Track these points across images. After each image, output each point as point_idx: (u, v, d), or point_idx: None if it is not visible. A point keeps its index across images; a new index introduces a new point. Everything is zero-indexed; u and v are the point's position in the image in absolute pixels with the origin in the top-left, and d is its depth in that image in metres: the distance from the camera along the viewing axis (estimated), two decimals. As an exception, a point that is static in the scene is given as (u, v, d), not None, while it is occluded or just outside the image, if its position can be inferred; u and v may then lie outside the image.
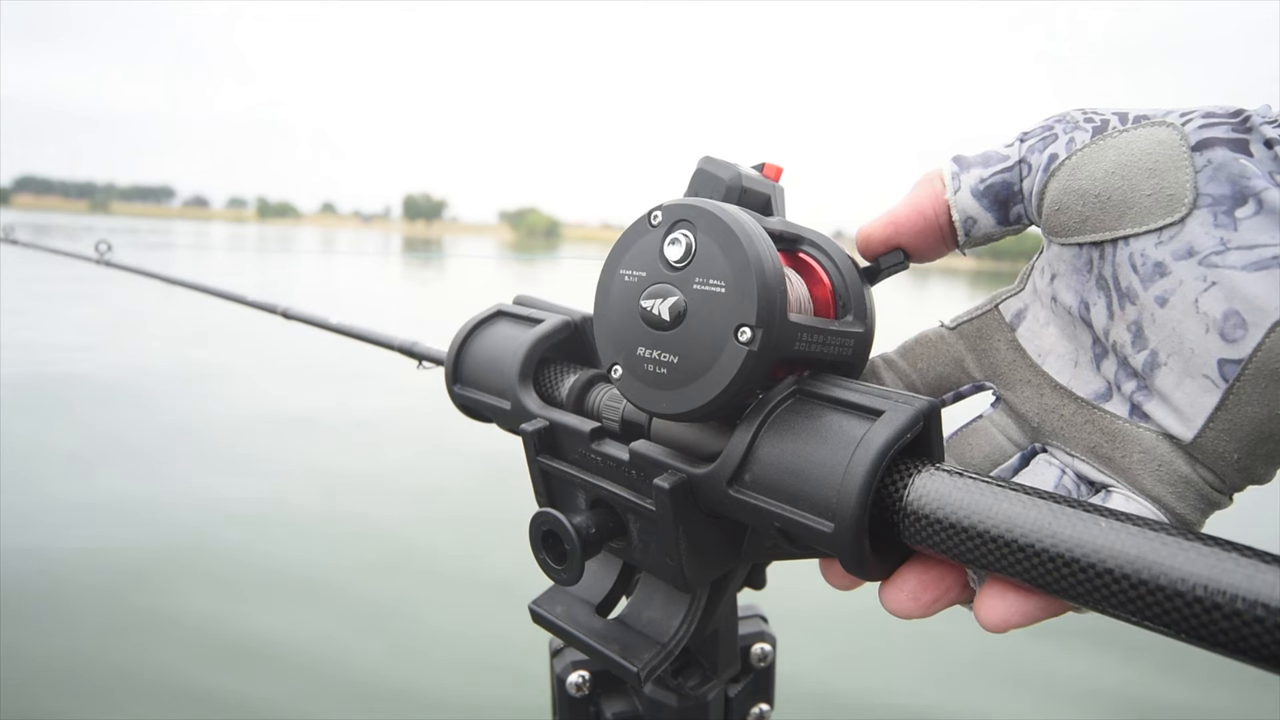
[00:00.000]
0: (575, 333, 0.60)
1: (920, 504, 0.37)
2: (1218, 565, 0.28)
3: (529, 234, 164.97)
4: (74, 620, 2.87)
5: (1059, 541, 0.32)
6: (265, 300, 1.35)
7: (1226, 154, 0.36)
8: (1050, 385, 0.44)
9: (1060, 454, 0.43)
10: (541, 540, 0.49)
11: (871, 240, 0.48)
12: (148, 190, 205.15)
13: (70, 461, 4.58)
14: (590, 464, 0.51)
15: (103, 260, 2.04)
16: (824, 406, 0.41)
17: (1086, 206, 0.40)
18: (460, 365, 0.62)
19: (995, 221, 0.45)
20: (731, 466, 0.42)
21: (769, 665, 0.70)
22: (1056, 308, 0.44)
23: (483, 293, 3.12)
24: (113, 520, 3.74)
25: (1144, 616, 0.30)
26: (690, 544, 0.47)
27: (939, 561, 0.40)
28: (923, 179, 0.47)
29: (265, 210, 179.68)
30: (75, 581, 3.14)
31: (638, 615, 0.53)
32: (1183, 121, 0.38)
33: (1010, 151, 0.44)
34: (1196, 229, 0.37)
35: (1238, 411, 0.37)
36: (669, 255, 0.43)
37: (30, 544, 3.40)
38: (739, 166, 0.50)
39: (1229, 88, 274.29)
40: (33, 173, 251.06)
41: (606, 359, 0.46)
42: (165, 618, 2.94)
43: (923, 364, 0.49)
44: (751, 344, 0.39)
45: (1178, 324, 0.37)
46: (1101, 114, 0.41)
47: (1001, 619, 0.36)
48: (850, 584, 0.44)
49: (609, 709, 0.67)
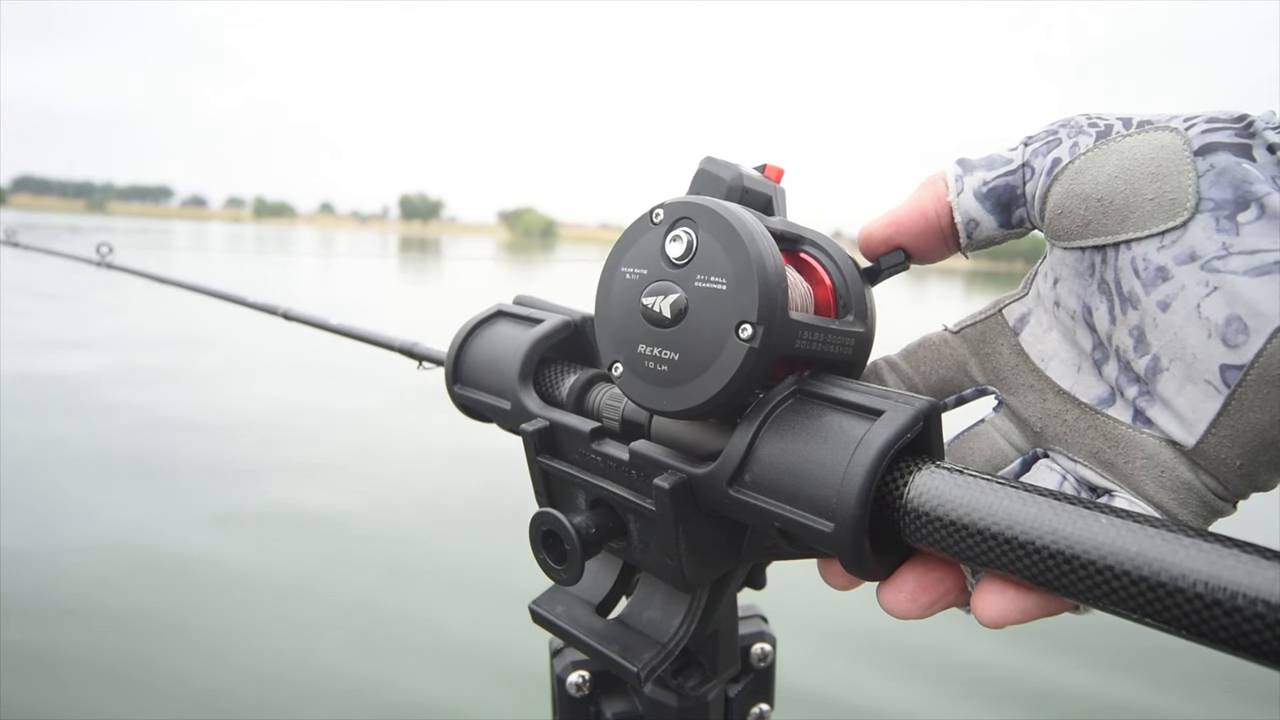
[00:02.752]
0: (575, 333, 0.60)
1: (920, 502, 0.37)
2: (1218, 562, 0.28)
3: (525, 234, 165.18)
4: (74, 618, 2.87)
5: (1059, 538, 0.32)
6: (265, 302, 1.35)
7: (1229, 159, 0.36)
8: (1053, 390, 0.44)
9: (1062, 459, 0.43)
10: (541, 540, 0.49)
11: (872, 240, 0.48)
12: (146, 190, 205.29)
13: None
14: (590, 464, 0.51)
15: (104, 262, 2.04)
16: (824, 406, 0.41)
17: (1089, 210, 0.40)
18: (460, 365, 0.62)
19: (998, 224, 0.45)
20: (731, 466, 0.42)
21: (769, 665, 0.70)
22: (1059, 312, 0.44)
23: (477, 292, 3.06)
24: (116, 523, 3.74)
25: (1144, 613, 0.30)
26: (690, 544, 0.47)
27: (938, 563, 0.40)
28: (926, 180, 0.47)
29: (262, 210, 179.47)
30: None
31: (638, 615, 0.53)
32: (1186, 126, 0.38)
33: (1014, 155, 0.44)
34: (1199, 234, 0.37)
35: (1240, 417, 0.37)
36: (670, 253, 0.43)
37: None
38: (740, 167, 0.50)
39: (1229, 88, 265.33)
40: (31, 173, 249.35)
41: (607, 356, 0.46)
42: (164, 619, 2.94)
43: (925, 367, 0.49)
44: (752, 341, 0.39)
45: (1180, 329, 0.37)
46: (1105, 119, 0.41)
47: (999, 615, 0.36)
48: (850, 584, 0.44)
49: (609, 709, 0.67)
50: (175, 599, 3.08)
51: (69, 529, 3.62)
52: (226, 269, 18.31)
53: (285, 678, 2.62)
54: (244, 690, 2.54)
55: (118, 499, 4.04)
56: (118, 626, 2.87)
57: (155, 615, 2.95)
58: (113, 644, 2.76)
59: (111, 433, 5.24)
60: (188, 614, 2.97)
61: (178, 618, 2.94)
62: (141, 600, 3.05)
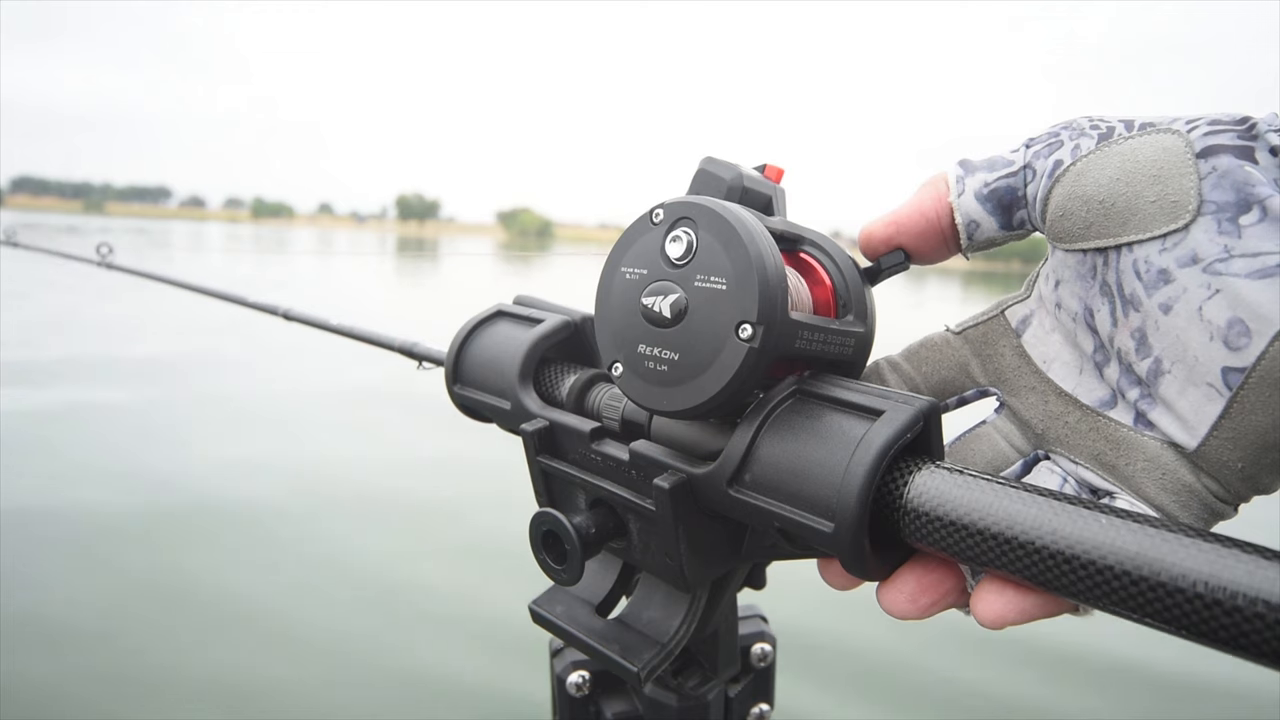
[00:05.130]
0: (575, 333, 0.60)
1: (920, 501, 0.37)
2: (1218, 561, 0.28)
3: (521, 234, 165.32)
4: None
5: (1059, 538, 0.32)
6: (266, 302, 1.35)
7: (1231, 161, 0.36)
8: (1055, 392, 0.44)
9: (1063, 461, 0.43)
10: (541, 540, 0.49)
11: (873, 239, 0.48)
12: (144, 190, 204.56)
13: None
14: (590, 464, 0.51)
15: (104, 263, 2.03)
16: (824, 406, 0.41)
17: (1091, 212, 0.40)
18: (460, 365, 0.62)
19: (998, 226, 0.45)
20: (731, 466, 0.42)
21: (769, 665, 0.70)
22: (1061, 314, 0.43)
23: (473, 292, 3.04)
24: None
25: (1144, 613, 0.30)
26: (690, 544, 0.47)
27: (938, 564, 0.40)
28: (927, 181, 0.47)
29: (260, 210, 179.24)
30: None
31: (638, 615, 0.53)
32: (1188, 128, 0.38)
33: (1016, 157, 0.44)
34: (1200, 236, 0.36)
35: (1241, 420, 0.37)
36: (670, 253, 0.43)
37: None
38: (740, 167, 0.50)
39: (1229, 89, 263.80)
40: (30, 173, 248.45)
41: (607, 356, 0.46)
42: (164, 620, 2.94)
43: (927, 368, 0.49)
44: (752, 341, 0.39)
45: (1181, 331, 0.37)
46: (1108, 121, 0.41)
47: (998, 615, 0.36)
48: (849, 584, 0.44)
49: (609, 709, 0.67)
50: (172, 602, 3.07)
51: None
52: (227, 269, 18.29)
53: (284, 679, 2.62)
54: (240, 692, 2.54)
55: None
56: (126, 614, 2.87)
57: (153, 616, 2.95)
58: (121, 628, 2.76)
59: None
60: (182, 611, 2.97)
61: (174, 622, 2.94)
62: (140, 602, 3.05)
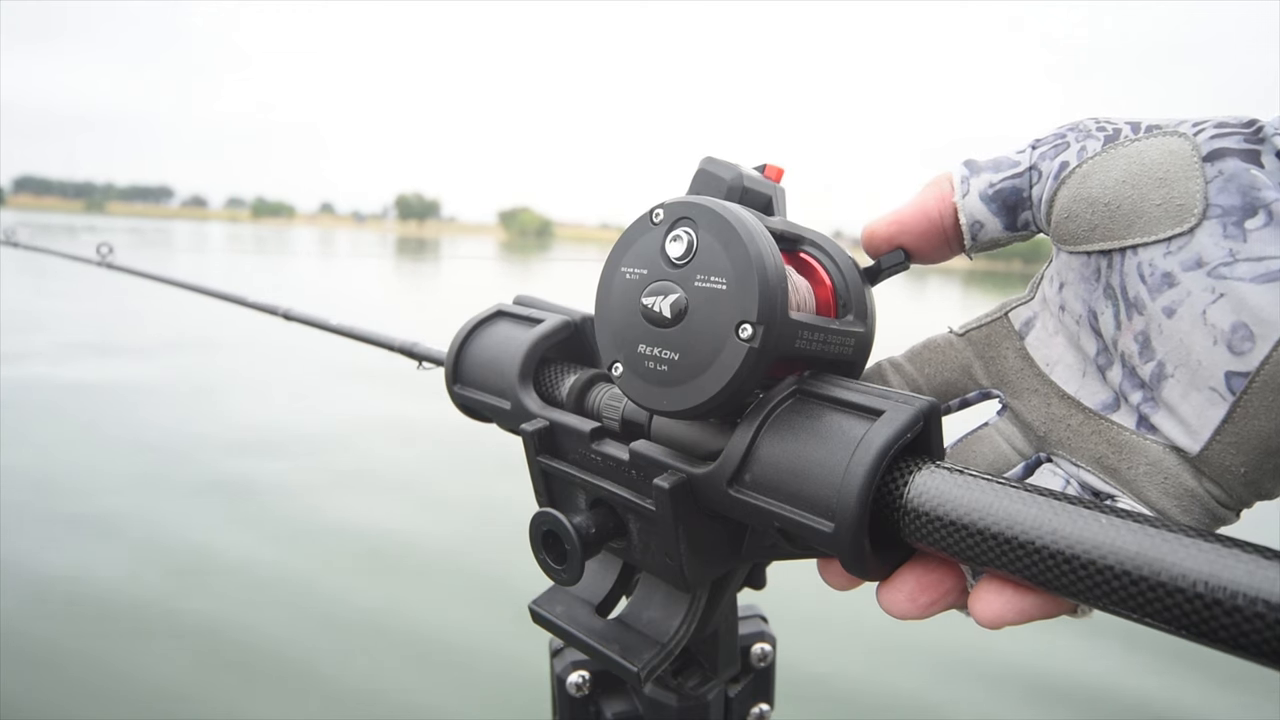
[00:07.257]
0: (575, 333, 0.60)
1: (920, 501, 0.37)
2: (1218, 561, 0.28)
3: (520, 233, 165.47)
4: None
5: (1059, 538, 0.32)
6: (265, 302, 1.35)
7: (1238, 165, 0.36)
8: (1058, 395, 0.44)
9: (1065, 464, 0.43)
10: (541, 540, 0.49)
11: (875, 238, 0.48)
12: (146, 190, 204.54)
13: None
14: (590, 464, 0.51)
15: (104, 262, 2.03)
16: (824, 406, 0.41)
17: (1096, 215, 0.40)
18: (460, 365, 0.62)
19: (1003, 227, 0.45)
20: (731, 466, 0.42)
21: (769, 665, 0.70)
22: (1064, 316, 0.43)
23: (470, 291, 3.03)
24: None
25: (1143, 613, 0.30)
26: (690, 544, 0.47)
27: (938, 564, 0.40)
28: (932, 181, 0.47)
29: (261, 210, 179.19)
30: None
31: (638, 615, 0.53)
32: (1195, 131, 0.38)
33: (1021, 158, 0.44)
34: (1205, 240, 0.36)
35: (1245, 425, 0.36)
36: (670, 252, 0.43)
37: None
38: (740, 167, 0.50)
39: (1229, 89, 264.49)
40: (31, 173, 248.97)
41: (607, 356, 0.46)
42: (163, 619, 2.94)
43: (930, 369, 0.48)
44: (752, 341, 0.39)
45: (1185, 335, 0.37)
46: (1114, 123, 0.41)
47: (997, 615, 0.36)
48: (849, 584, 0.44)
49: (609, 709, 0.67)
50: (173, 602, 3.08)
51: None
52: (225, 269, 18.27)
53: (280, 678, 2.62)
54: (238, 693, 2.54)
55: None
56: (113, 630, 2.87)
57: (152, 615, 2.95)
58: (107, 647, 2.76)
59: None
60: (182, 615, 2.97)
61: (175, 619, 2.94)
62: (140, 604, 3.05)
